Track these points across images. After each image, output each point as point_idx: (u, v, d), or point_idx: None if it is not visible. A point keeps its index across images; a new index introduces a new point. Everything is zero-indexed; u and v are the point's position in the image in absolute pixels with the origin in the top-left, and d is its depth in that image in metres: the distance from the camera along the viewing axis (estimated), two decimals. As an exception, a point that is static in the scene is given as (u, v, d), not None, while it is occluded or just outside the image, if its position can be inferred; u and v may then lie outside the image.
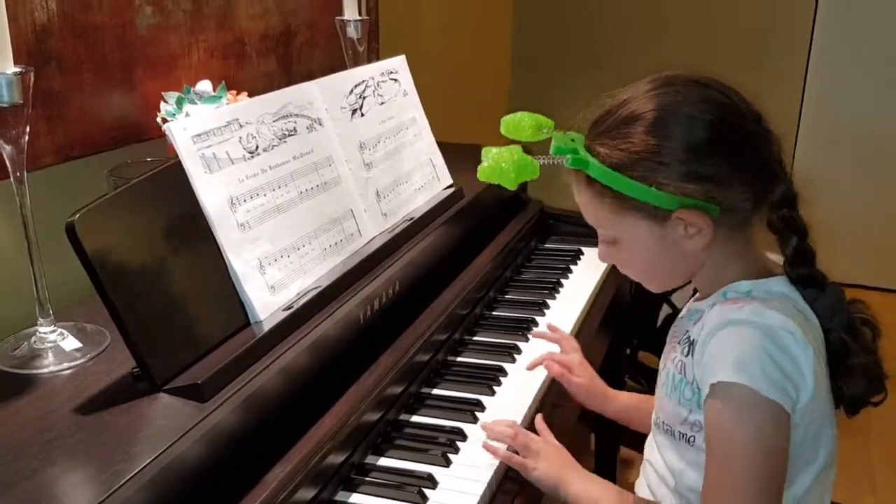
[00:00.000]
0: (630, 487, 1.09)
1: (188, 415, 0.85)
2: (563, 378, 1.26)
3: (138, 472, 0.77)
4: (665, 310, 2.57)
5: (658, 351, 2.65)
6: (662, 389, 1.01)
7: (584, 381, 1.26)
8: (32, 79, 0.89)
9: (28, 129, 0.90)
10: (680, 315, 1.05)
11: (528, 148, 1.00)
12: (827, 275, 0.95)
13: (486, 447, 1.07)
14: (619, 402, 1.26)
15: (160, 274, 0.93)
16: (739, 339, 0.87)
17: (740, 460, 0.86)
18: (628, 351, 2.44)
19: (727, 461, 0.87)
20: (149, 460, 0.78)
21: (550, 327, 1.37)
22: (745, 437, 0.86)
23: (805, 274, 0.94)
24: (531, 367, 1.29)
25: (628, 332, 2.32)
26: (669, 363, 0.99)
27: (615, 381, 2.18)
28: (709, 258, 0.95)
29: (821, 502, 0.99)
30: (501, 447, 1.08)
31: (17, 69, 0.88)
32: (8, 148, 0.90)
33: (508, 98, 3.47)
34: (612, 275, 1.74)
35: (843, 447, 1.01)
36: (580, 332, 1.48)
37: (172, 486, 0.81)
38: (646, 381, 2.55)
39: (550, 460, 1.05)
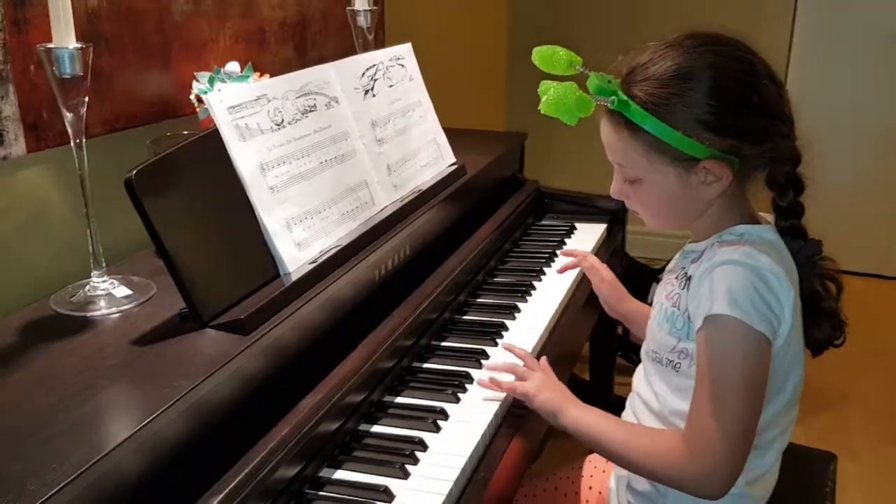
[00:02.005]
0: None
1: (234, 344, 0.97)
2: (593, 270, 1.43)
3: (193, 388, 0.88)
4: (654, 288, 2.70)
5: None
6: (654, 322, 1.12)
7: (609, 278, 1.42)
8: (91, 54, 1.00)
9: (87, 99, 1.02)
10: (675, 257, 1.15)
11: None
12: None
13: (491, 379, 1.19)
14: (633, 306, 1.40)
15: (203, 226, 1.05)
16: (733, 277, 0.97)
17: (729, 381, 0.97)
18: (620, 330, 2.54)
19: (717, 382, 0.97)
20: (202, 379, 0.90)
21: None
22: (735, 362, 0.97)
23: (794, 226, 1.05)
24: (562, 271, 1.56)
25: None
26: (664, 298, 1.10)
27: (605, 359, 2.31)
28: (716, 205, 1.05)
29: (783, 434, 1.11)
30: (506, 378, 1.19)
31: (78, 45, 0.99)
32: (69, 115, 1.02)
33: (505, 88, 3.61)
34: (604, 247, 1.87)
35: (825, 418, 1.12)
36: (568, 306, 1.59)
37: (220, 405, 0.93)
38: (637, 359, 2.67)
39: (551, 391, 1.15)
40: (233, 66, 1.34)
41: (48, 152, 1.14)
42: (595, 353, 2.31)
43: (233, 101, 1.15)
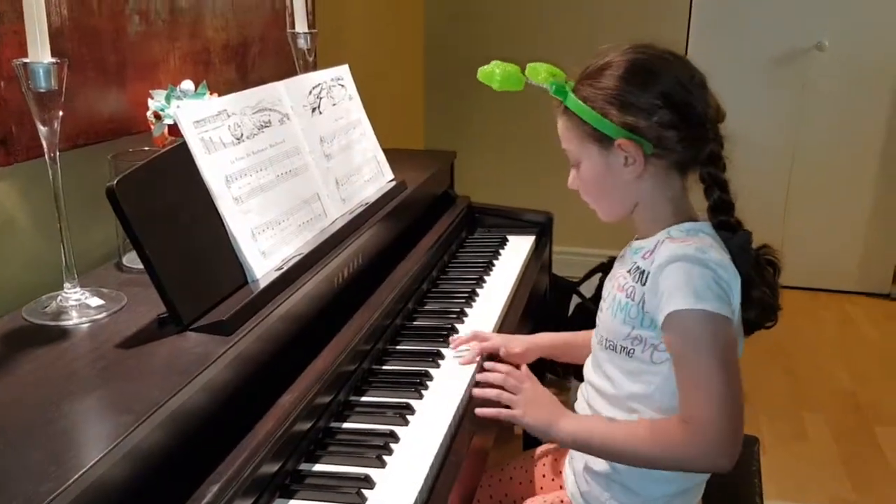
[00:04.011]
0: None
1: (218, 344, 1.01)
2: (507, 356, 1.41)
3: (188, 384, 0.92)
4: (575, 300, 2.84)
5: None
6: (608, 312, 1.20)
7: (519, 348, 1.42)
8: (66, 69, 1.03)
9: (61, 113, 1.04)
10: (621, 254, 1.25)
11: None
12: (741, 221, 1.16)
13: (479, 405, 1.23)
14: (545, 342, 1.46)
15: (179, 233, 1.09)
16: (690, 274, 1.06)
17: (710, 362, 1.06)
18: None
19: (700, 366, 1.06)
20: (196, 375, 0.94)
21: (456, 340, 1.43)
22: (711, 346, 1.06)
23: (723, 220, 1.15)
24: (466, 362, 1.37)
25: (544, 322, 2.56)
26: (615, 290, 1.19)
27: (537, 372, 2.40)
28: (645, 192, 1.15)
29: None
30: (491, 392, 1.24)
31: (54, 60, 1.02)
32: (44, 129, 1.04)
33: (424, 111, 3.73)
34: (533, 257, 1.97)
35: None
36: (510, 308, 1.68)
37: (210, 401, 0.97)
38: (561, 370, 2.79)
39: (539, 405, 1.21)
40: (187, 85, 1.38)
41: (16, 167, 1.15)
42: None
43: (197, 115, 1.20)
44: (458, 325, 1.51)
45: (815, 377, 3.03)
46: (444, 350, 1.41)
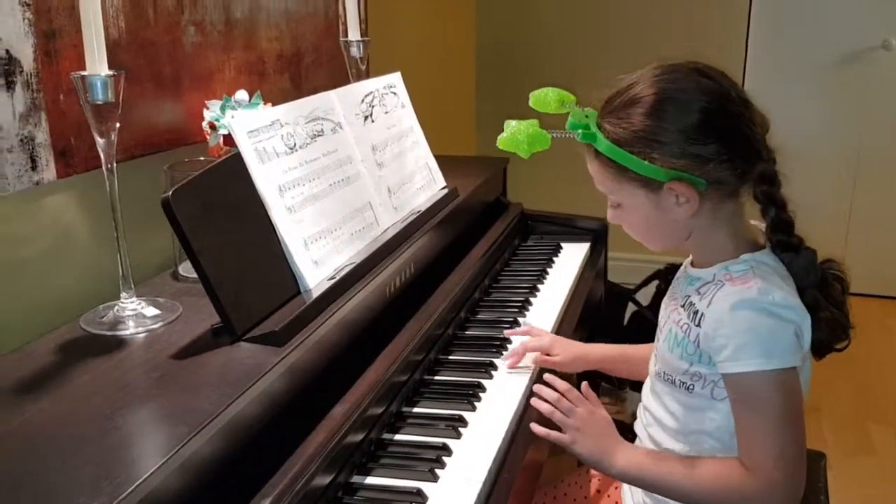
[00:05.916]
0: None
1: (271, 354, 1.01)
2: (543, 362, 1.39)
3: (240, 395, 0.92)
4: (631, 308, 2.79)
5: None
6: (664, 344, 1.15)
7: (562, 358, 1.39)
8: (123, 81, 1.04)
9: (118, 125, 1.06)
10: (676, 276, 1.20)
11: (545, 123, 1.15)
12: (804, 239, 1.09)
13: (534, 418, 1.19)
14: (597, 354, 1.42)
15: (232, 243, 1.09)
16: (757, 326, 1.01)
17: (777, 414, 1.02)
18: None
19: (767, 418, 1.02)
20: (247, 387, 0.93)
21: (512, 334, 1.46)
22: (779, 407, 1.02)
23: (784, 240, 1.08)
24: (511, 365, 1.37)
25: (600, 330, 2.51)
26: (672, 324, 1.13)
27: (591, 382, 2.35)
28: (700, 224, 1.08)
29: None
30: (544, 407, 1.19)
31: (111, 72, 1.03)
32: (101, 141, 1.05)
33: (475, 117, 3.72)
34: (588, 265, 1.94)
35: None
36: (564, 318, 1.65)
37: (262, 412, 0.97)
38: (617, 381, 2.74)
39: (592, 435, 1.15)
40: (242, 95, 1.39)
41: (75, 178, 1.17)
42: (579, 376, 2.37)
43: (251, 125, 1.20)
44: (512, 336, 1.49)
45: (884, 388, 2.92)
46: (497, 361, 1.39)
